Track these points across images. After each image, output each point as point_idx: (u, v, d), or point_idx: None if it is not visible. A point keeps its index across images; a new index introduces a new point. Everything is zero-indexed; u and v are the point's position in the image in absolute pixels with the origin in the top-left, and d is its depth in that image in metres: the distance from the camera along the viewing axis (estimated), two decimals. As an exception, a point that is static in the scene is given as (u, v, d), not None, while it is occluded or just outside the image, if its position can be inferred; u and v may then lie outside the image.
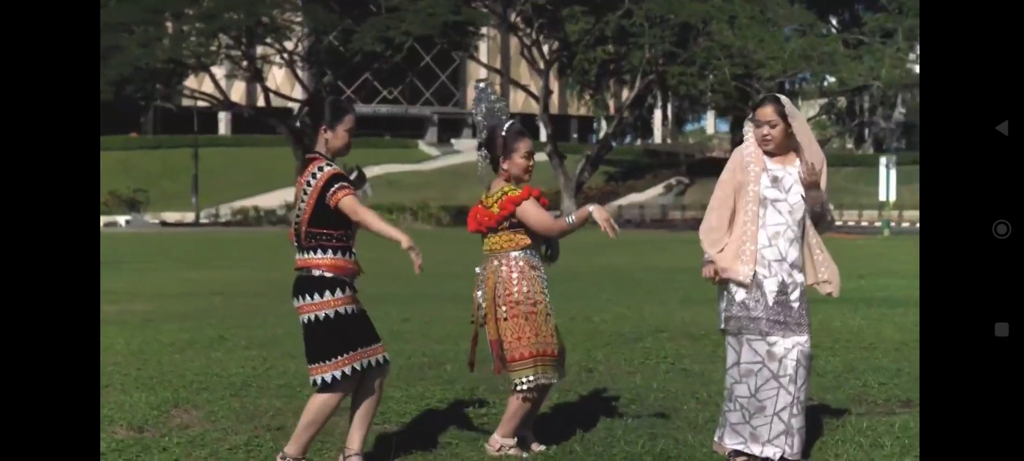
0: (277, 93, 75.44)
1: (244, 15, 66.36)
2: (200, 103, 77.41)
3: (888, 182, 48.41)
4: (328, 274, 5.81)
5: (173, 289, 19.83)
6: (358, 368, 5.86)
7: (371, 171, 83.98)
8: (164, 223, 70.14)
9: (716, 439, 6.32)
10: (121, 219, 69.42)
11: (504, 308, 6.30)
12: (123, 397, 8.21)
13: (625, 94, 69.68)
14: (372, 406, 6.07)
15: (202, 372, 9.38)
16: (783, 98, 6.23)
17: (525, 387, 6.31)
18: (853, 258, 25.94)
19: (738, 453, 6.16)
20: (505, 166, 6.46)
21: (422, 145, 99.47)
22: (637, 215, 71.48)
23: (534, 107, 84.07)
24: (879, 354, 10.17)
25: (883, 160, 50.26)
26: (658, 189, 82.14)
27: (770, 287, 6.08)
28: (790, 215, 6.12)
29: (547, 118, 66.49)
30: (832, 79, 63.78)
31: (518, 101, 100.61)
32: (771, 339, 6.07)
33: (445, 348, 10.82)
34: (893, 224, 52.86)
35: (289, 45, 72.05)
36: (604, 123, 74.53)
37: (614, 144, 79.67)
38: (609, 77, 69.47)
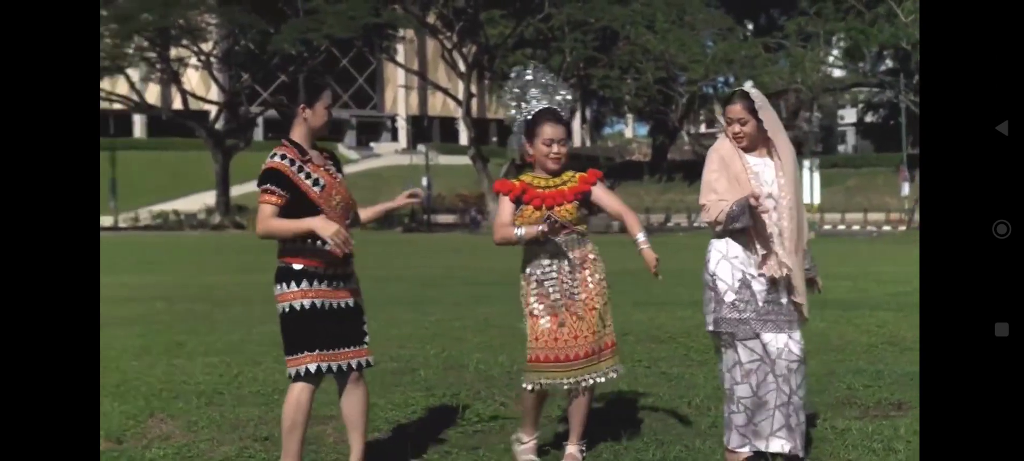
0: (193, 95, 74.57)
1: (158, 16, 65.53)
2: (115, 106, 76.20)
3: (812, 185, 48.91)
4: (296, 265, 5.53)
5: (114, 293, 19.29)
6: (321, 369, 5.56)
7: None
8: (81, 227, 68.80)
9: (725, 443, 6.17)
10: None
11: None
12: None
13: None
14: (357, 412, 5.77)
15: (168, 380, 9.08)
16: (753, 92, 6.06)
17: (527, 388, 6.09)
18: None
19: (753, 454, 6.02)
20: (530, 150, 6.21)
21: (342, 148, 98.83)
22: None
23: (454, 110, 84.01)
24: (852, 356, 10.12)
25: (806, 163, 50.77)
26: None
27: (758, 287, 5.95)
28: (775, 210, 5.98)
29: (469, 121, 66.30)
30: (750, 83, 64.37)
31: (437, 104, 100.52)
32: (765, 337, 5.94)
33: (412, 353, 10.59)
34: (817, 228, 53.38)
35: (205, 47, 71.26)
36: (525, 127, 74.46)
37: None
38: (529, 81, 69.39)
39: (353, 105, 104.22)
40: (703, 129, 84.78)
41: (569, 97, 6.36)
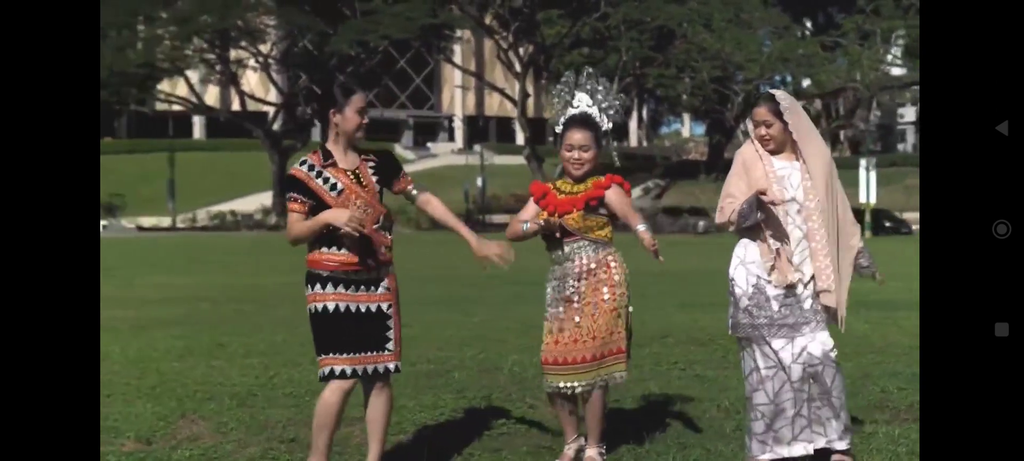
0: (252, 97, 75.12)
1: (218, 18, 66.11)
2: (174, 107, 76.96)
3: (868, 184, 48.47)
4: (314, 269, 5.61)
5: (157, 295, 19.55)
6: (345, 372, 5.60)
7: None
8: (140, 228, 69.59)
9: (746, 451, 6.12)
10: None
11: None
12: (127, 407, 7.97)
13: (602, 97, 69.53)
14: (377, 417, 5.79)
15: (205, 381, 9.15)
16: (779, 94, 6.01)
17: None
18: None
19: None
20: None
21: (398, 148, 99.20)
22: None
23: (511, 110, 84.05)
24: (891, 359, 10.03)
25: (863, 162, 50.32)
26: (636, 192, 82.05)
27: (773, 292, 5.88)
28: (799, 214, 5.91)
29: (524, 121, 66.31)
30: (809, 82, 63.95)
31: (494, 104, 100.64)
32: (776, 344, 5.89)
33: (448, 354, 10.61)
34: (872, 227, 52.85)
35: (264, 48, 71.75)
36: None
37: (591, 147, 79.61)
38: (585, 80, 69.32)
39: (410, 105, 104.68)
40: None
41: (615, 104, 6.37)
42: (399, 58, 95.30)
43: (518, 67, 65.73)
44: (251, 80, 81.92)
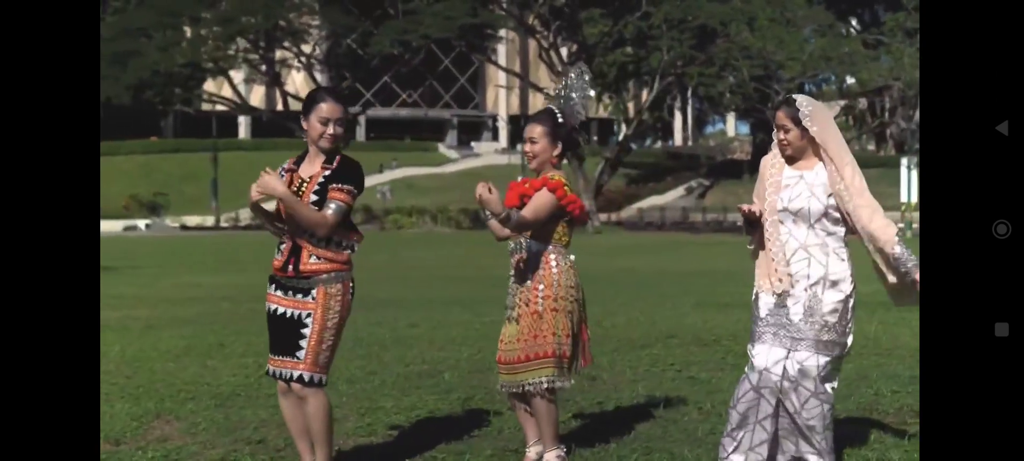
0: (296, 97, 75.35)
1: (261, 18, 66.40)
2: (219, 107, 77.37)
3: (909, 183, 47.95)
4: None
5: (183, 294, 19.59)
6: (269, 372, 5.82)
7: (391, 174, 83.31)
8: (184, 227, 69.98)
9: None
10: (141, 223, 69.31)
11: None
12: (106, 407, 7.92)
13: (644, 96, 69.33)
14: (309, 425, 5.77)
15: (193, 381, 9.11)
16: (800, 100, 5.72)
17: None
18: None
19: None
20: None
21: (442, 148, 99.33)
22: (658, 217, 71.07)
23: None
24: (894, 361, 9.83)
25: (904, 161, 49.76)
26: (679, 191, 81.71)
27: (764, 300, 5.73)
28: (796, 224, 5.70)
29: (565, 120, 66.00)
30: (852, 80, 63.37)
31: (538, 104, 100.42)
32: (756, 350, 5.72)
33: (446, 354, 10.53)
34: (915, 225, 52.34)
35: (306, 48, 71.99)
36: (623, 125, 74.18)
37: (635, 146, 79.34)
38: (628, 79, 69.15)
39: (454, 105, 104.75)
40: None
41: (576, 98, 6.25)
42: (443, 58, 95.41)
43: (559, 67, 65.52)
44: (296, 80, 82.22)
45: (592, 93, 6.39)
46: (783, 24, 58.16)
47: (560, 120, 6.09)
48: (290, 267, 5.58)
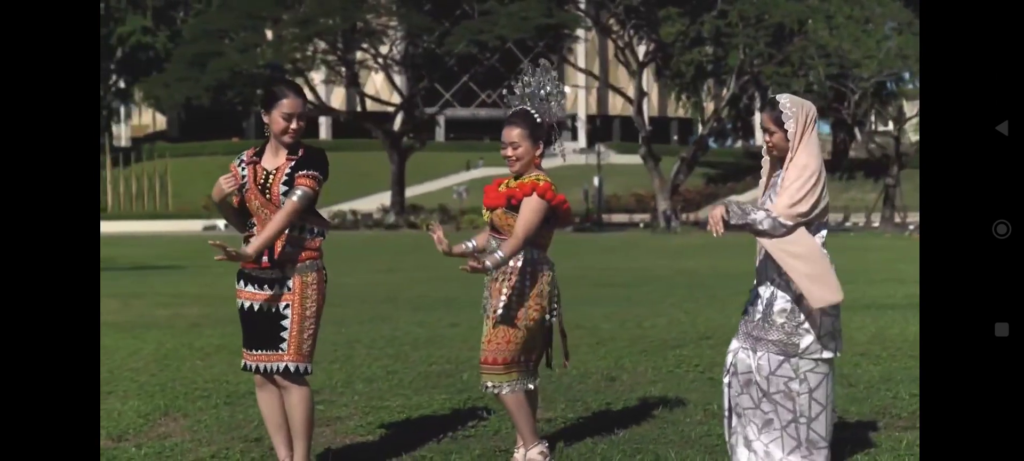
0: (371, 97, 75.80)
1: (339, 20, 66.82)
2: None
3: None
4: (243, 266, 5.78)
5: (221, 293, 19.73)
6: (248, 367, 5.83)
7: (469, 174, 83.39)
8: (263, 227, 70.54)
9: None
10: (221, 223, 70.11)
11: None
12: (117, 405, 8.02)
13: (723, 95, 68.86)
14: (290, 417, 5.80)
15: (214, 379, 9.18)
16: (784, 101, 5.58)
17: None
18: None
19: None
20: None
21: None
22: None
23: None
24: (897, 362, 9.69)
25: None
26: (755, 192, 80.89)
27: (751, 295, 5.73)
28: None
29: (641, 120, 65.80)
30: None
31: (617, 105, 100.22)
32: (732, 345, 5.72)
33: (474, 354, 10.40)
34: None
35: (384, 49, 72.36)
36: (701, 125, 73.75)
37: (714, 145, 78.80)
38: (705, 78, 68.72)
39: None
40: (881, 127, 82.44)
41: (553, 97, 6.21)
42: (522, 58, 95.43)
43: (634, 66, 65.25)
44: (376, 81, 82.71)
45: (566, 89, 6.34)
46: (860, 22, 57.47)
47: (538, 120, 6.04)
48: (265, 257, 5.57)
